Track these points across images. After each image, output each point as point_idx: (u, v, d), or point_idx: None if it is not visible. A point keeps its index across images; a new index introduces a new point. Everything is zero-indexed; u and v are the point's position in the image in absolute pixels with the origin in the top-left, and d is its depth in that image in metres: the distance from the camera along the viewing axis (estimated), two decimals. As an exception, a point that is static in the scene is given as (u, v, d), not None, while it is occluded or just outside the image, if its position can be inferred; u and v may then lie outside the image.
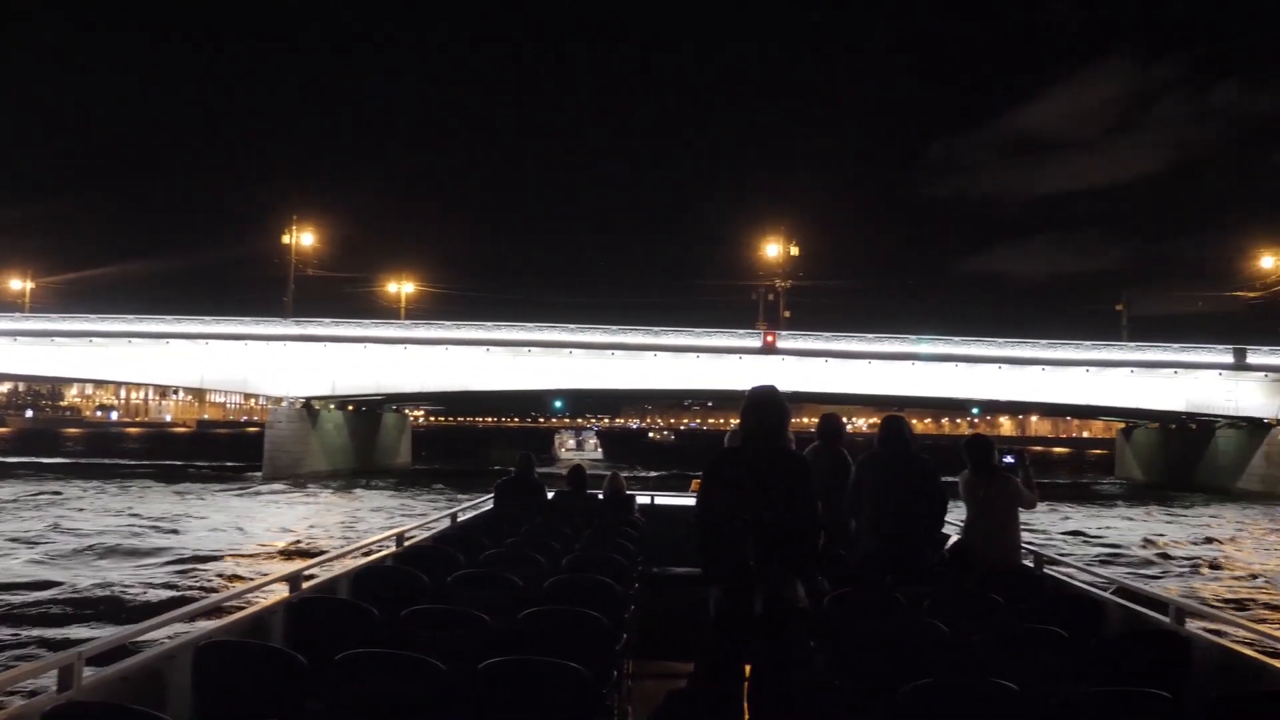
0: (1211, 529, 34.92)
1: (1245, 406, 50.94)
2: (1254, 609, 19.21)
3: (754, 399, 4.71)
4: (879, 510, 6.30)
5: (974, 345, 51.53)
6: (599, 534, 7.58)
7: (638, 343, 51.99)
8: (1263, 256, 59.05)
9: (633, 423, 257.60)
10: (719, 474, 4.59)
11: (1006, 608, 5.09)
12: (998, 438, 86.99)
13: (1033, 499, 6.72)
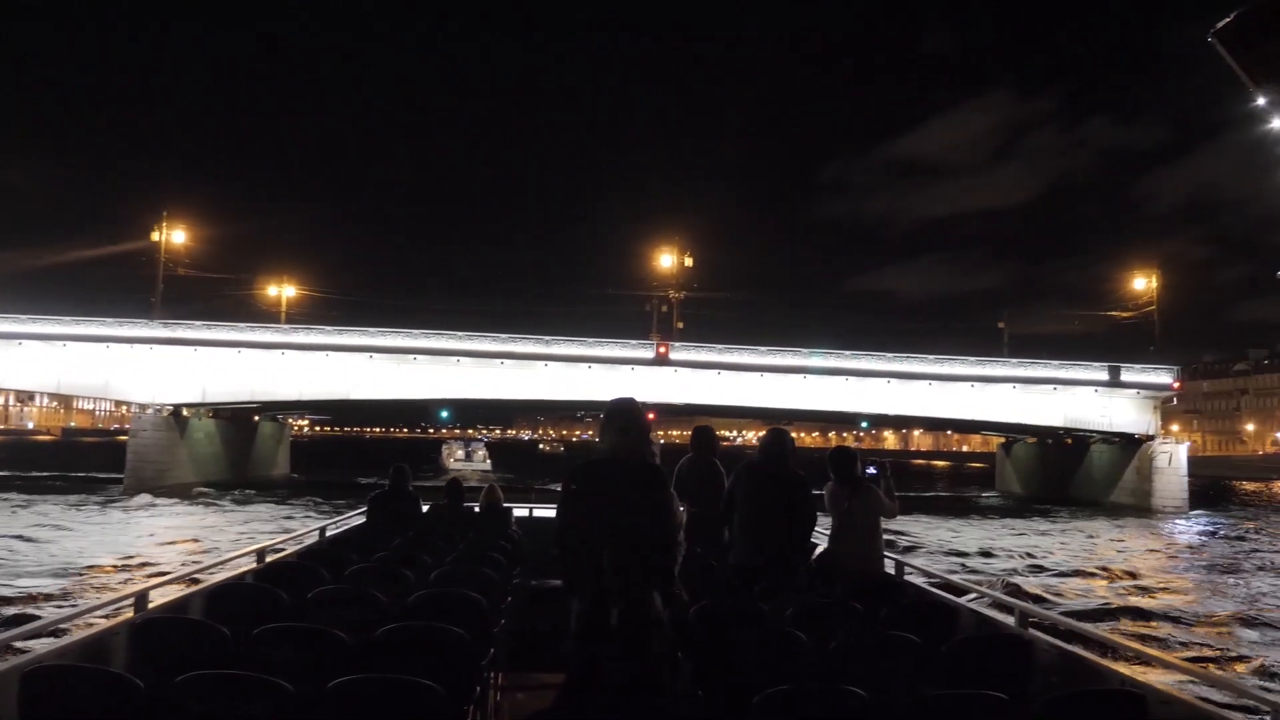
0: (1080, 540, 35.99)
1: (1119, 422, 52.66)
2: (1101, 613, 19.69)
3: (613, 411, 4.67)
4: (750, 521, 6.34)
5: (864, 360, 51.96)
6: (472, 548, 7.46)
7: (528, 352, 50.71)
8: (1134, 279, 61.52)
9: (525, 434, 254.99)
10: (578, 486, 4.54)
11: (866, 615, 5.17)
12: (881, 451, 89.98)
13: (894, 508, 6.91)
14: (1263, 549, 34.40)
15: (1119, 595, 22.80)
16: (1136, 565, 29.19)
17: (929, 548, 30.56)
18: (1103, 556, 31.28)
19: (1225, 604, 21.76)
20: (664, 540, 4.44)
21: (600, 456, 4.65)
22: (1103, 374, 52.31)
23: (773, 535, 6.26)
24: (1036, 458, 63.45)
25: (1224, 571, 28.09)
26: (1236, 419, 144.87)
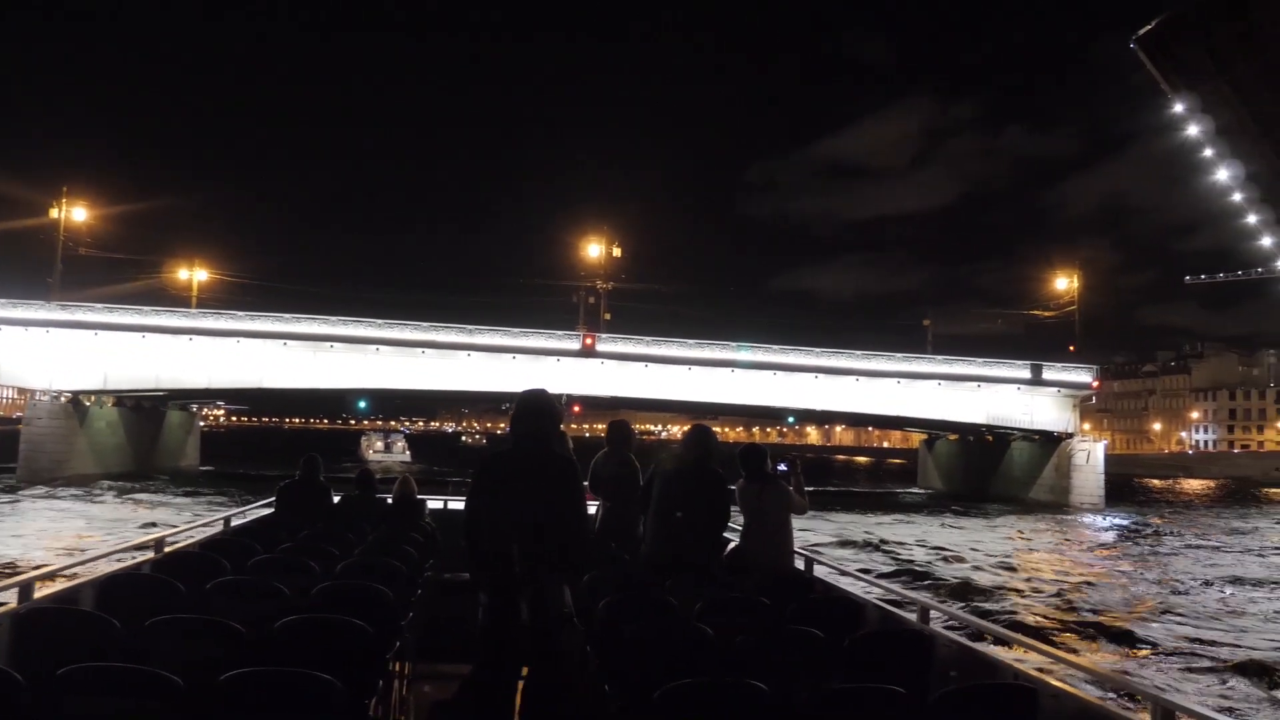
0: (1000, 536, 36.27)
1: (1040, 420, 53.33)
2: (1013, 608, 20.07)
3: (523, 403, 4.65)
4: (664, 517, 6.34)
5: (792, 354, 51.68)
6: (382, 540, 7.36)
7: (450, 341, 49.26)
8: (1052, 280, 62.58)
9: (448, 426, 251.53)
10: (487, 478, 4.52)
11: (774, 610, 5.22)
12: (804, 446, 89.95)
13: (804, 504, 7.00)
14: (1175, 546, 34.98)
15: (1033, 591, 23.03)
16: (1054, 561, 29.68)
17: (853, 542, 30.76)
18: (1022, 552, 31.60)
19: (1134, 600, 22.03)
20: (573, 533, 4.44)
21: (509, 448, 4.59)
22: (1025, 372, 52.91)
23: (687, 531, 6.24)
24: (958, 454, 64.05)
25: (1137, 568, 28.60)
26: (1144, 418, 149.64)
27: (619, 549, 6.88)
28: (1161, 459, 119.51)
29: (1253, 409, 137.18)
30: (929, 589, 21.98)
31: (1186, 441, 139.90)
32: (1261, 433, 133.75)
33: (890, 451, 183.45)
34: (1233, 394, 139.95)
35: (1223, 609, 21.06)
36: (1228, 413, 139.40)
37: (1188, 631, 18.13)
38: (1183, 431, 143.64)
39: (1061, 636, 17.58)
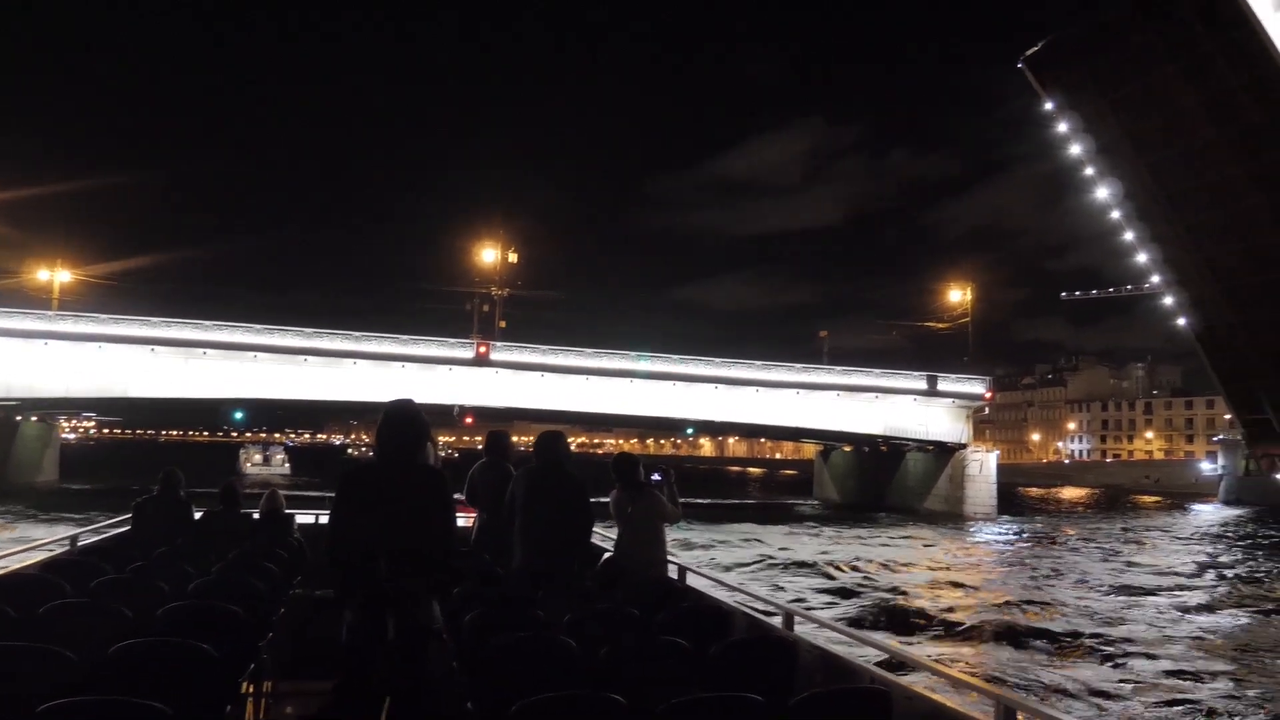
0: (895, 545, 36.72)
1: (935, 431, 53.73)
2: (897, 615, 20.86)
3: (389, 413, 4.54)
4: (530, 526, 6.27)
5: (692, 365, 50.81)
6: (245, 556, 7.11)
7: (335, 349, 46.65)
8: (939, 295, 63.70)
9: (336, 438, 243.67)
10: (351, 491, 4.38)
11: (643, 620, 5.21)
12: (699, 458, 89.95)
13: (677, 513, 7.02)
14: (1063, 552, 35.97)
15: (925, 597, 23.56)
16: (949, 568, 30.29)
17: (742, 554, 31.31)
18: (919, 561, 31.90)
19: (1024, 604, 22.70)
20: (442, 547, 4.37)
21: (374, 460, 4.51)
22: (921, 383, 53.28)
23: (553, 539, 6.19)
24: (854, 465, 64.29)
25: (1029, 573, 29.43)
26: (1024, 429, 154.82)
27: (494, 561, 6.72)
28: (1041, 468, 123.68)
29: (1123, 420, 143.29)
30: (825, 598, 23.01)
31: (1063, 451, 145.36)
32: (1131, 442, 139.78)
33: (783, 463, 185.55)
34: (1105, 406, 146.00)
35: (1103, 610, 22.08)
36: (1100, 423, 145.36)
37: (1069, 630, 19.15)
38: (1059, 442, 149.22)
39: (940, 640, 18.41)
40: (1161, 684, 15.24)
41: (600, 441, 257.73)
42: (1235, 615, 22.36)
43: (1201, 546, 40.39)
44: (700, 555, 29.93)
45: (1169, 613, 22.24)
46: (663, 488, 7.07)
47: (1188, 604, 23.57)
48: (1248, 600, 24.77)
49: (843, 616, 20.35)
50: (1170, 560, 34.23)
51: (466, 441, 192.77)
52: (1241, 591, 26.58)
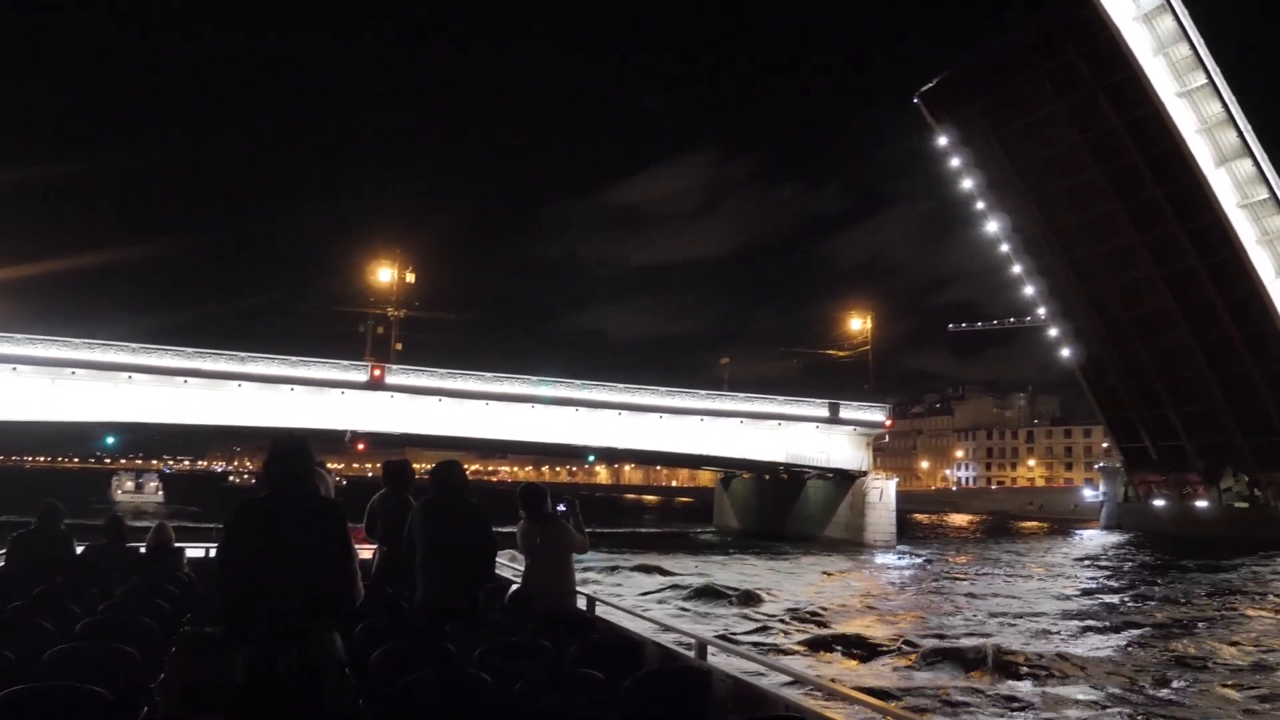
0: (798, 574, 36.71)
1: (836, 459, 53.88)
2: (799, 641, 21.12)
3: (279, 444, 4.50)
4: (432, 557, 6.17)
5: (595, 390, 49.75)
6: (133, 593, 6.93)
7: (219, 370, 43.99)
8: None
9: (218, 465, 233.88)
10: (245, 525, 4.26)
11: (555, 653, 5.18)
12: (595, 485, 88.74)
13: (584, 544, 7.00)
14: (963, 577, 36.64)
15: (832, 625, 23.70)
16: (855, 596, 30.49)
17: (647, 583, 31.20)
18: (825, 589, 31.92)
19: (928, 629, 23.21)
20: (341, 580, 4.26)
21: (266, 493, 4.40)
22: (823, 411, 53.39)
23: (456, 571, 6.10)
24: (754, 493, 64.10)
25: (932, 599, 30.05)
26: (913, 457, 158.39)
27: (396, 594, 6.51)
28: (931, 495, 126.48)
29: (1007, 448, 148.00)
30: (735, 627, 23.09)
31: (950, 479, 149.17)
32: (1015, 469, 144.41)
33: (679, 490, 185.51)
34: (990, 434, 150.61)
35: (1007, 631, 23.01)
36: (986, 451, 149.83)
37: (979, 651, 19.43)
38: (947, 469, 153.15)
39: (854, 666, 18.80)
40: (1066, 699, 16.03)
41: (495, 469, 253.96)
42: (1128, 633, 23.49)
43: (1092, 571, 41.77)
44: (606, 585, 29.57)
45: (1068, 633, 23.33)
46: (568, 518, 7.05)
47: (1088, 625, 24.69)
48: (1135, 619, 26.06)
49: (755, 645, 20.27)
50: (1066, 584, 35.49)
51: (357, 469, 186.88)
52: (1133, 611, 27.87)
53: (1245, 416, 66.50)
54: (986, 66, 65.92)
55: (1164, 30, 58.74)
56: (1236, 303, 62.77)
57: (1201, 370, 66.65)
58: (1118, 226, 65.77)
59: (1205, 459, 70.32)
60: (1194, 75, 58.98)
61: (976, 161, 70.89)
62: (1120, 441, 78.30)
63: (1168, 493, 74.33)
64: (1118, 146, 62.30)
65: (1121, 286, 68.72)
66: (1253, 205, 60.91)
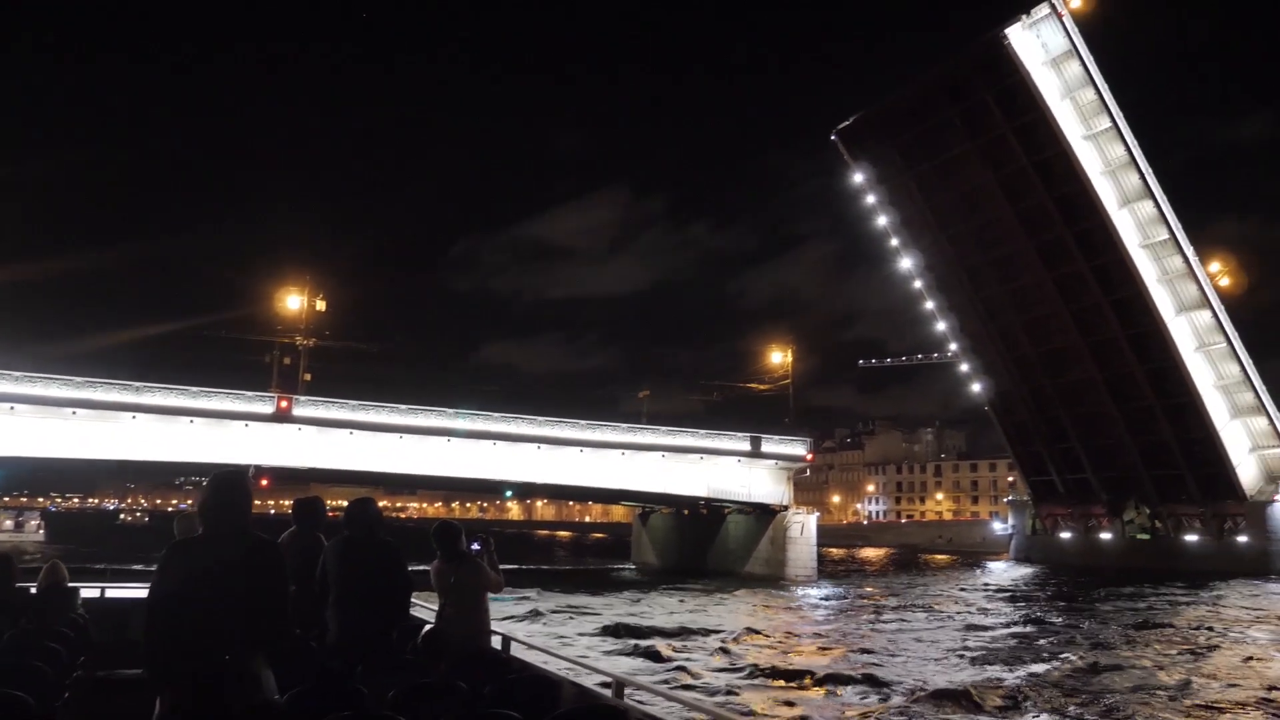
0: (719, 610, 36.17)
1: (758, 493, 53.35)
2: (706, 681, 20.91)
3: (215, 481, 4.50)
4: (346, 597, 6.11)
5: (514, 423, 48.29)
6: (22, 637, 6.65)
7: (111, 400, 41.21)
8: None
9: (110, 502, 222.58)
10: (178, 565, 4.26)
11: (470, 693, 5.17)
12: (506, 521, 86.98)
13: (499, 582, 7.08)
14: (892, 613, 36.44)
15: (754, 662, 23.50)
16: (779, 633, 30.15)
17: (564, 621, 30.76)
18: (747, 625, 31.37)
19: (854, 665, 23.26)
20: (272, 620, 4.30)
21: (199, 533, 4.45)
22: (745, 444, 52.87)
23: (370, 611, 6.05)
24: (674, 529, 63.16)
25: (857, 634, 30.19)
26: (825, 491, 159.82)
27: (305, 635, 6.46)
28: (843, 529, 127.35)
29: (916, 482, 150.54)
30: (652, 664, 23.03)
31: (861, 513, 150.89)
32: (923, 503, 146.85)
33: (592, 526, 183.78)
34: (899, 468, 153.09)
35: (934, 665, 23.44)
36: (895, 485, 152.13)
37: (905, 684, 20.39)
38: (858, 503, 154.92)
39: (777, 704, 18.70)
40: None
41: (404, 505, 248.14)
42: (1051, 663, 24.30)
43: (1008, 604, 42.38)
44: (523, 624, 29.11)
45: (992, 664, 24.03)
46: (483, 556, 7.03)
47: (1013, 656, 25.53)
48: (1054, 649, 26.94)
49: (672, 683, 20.08)
50: (986, 617, 36.01)
51: (260, 505, 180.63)
52: (1052, 641, 28.75)
53: (1147, 450, 68.47)
54: (902, 105, 67.20)
55: (1071, 75, 60.74)
56: (1139, 339, 64.79)
57: (1106, 405, 68.47)
58: (1027, 264, 67.40)
59: (1109, 492, 72.13)
60: (1099, 119, 61.08)
61: (891, 199, 72.05)
62: (1028, 475, 79.90)
63: (1073, 525, 75.99)
64: (1027, 186, 63.98)
65: (1030, 322, 70.34)
66: (1154, 245, 63.10)
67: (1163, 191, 61.91)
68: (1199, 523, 68.30)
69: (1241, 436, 66.71)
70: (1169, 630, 31.77)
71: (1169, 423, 66.15)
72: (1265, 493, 65.13)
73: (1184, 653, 26.52)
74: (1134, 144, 60.83)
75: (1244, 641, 28.53)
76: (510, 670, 6.21)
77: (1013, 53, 59.17)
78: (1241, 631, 31.77)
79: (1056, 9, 59.36)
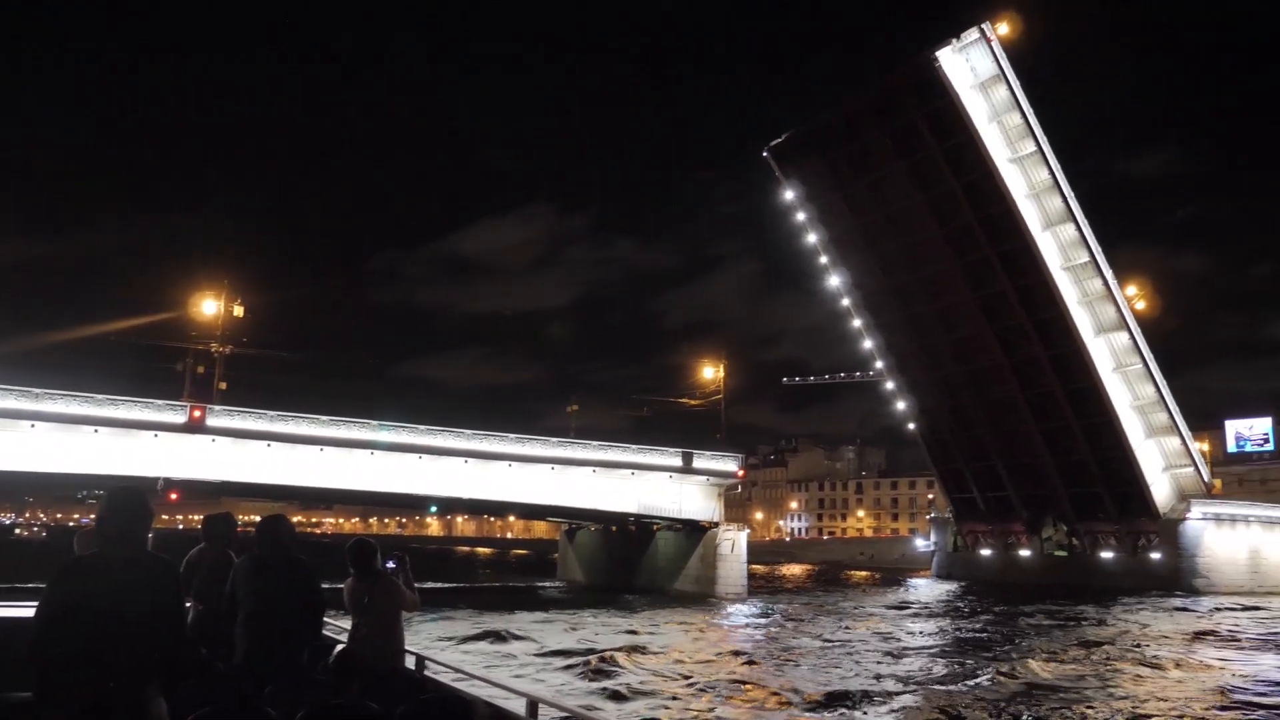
0: (642, 628, 35.23)
1: (689, 509, 52.65)
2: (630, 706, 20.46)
3: (112, 498, 4.38)
4: (255, 616, 5.96)
5: (441, 436, 46.73)
6: None
7: (8, 408, 38.06)
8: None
9: (6, 516, 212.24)
10: (71, 584, 4.13)
11: (384, 714, 5.05)
12: (426, 537, 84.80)
13: (415, 601, 7.01)
14: (825, 632, 36.07)
15: (676, 681, 23.20)
16: (708, 653, 29.47)
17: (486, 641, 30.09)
18: (672, 644, 30.92)
19: (784, 686, 22.94)
20: (170, 642, 4.22)
21: (97, 550, 4.30)
22: (677, 460, 52.13)
23: (281, 630, 5.87)
24: (601, 545, 62.14)
25: (787, 654, 29.80)
26: (749, 508, 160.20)
27: (211, 656, 6.17)
28: (766, 546, 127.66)
29: (838, 499, 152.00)
30: (574, 683, 22.59)
31: (784, 529, 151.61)
32: (845, 520, 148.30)
33: (514, 542, 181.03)
34: (821, 485, 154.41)
35: (867, 684, 23.30)
36: (818, 502, 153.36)
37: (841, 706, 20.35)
38: (781, 520, 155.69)
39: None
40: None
41: (319, 520, 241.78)
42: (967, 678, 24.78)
43: (933, 619, 42.81)
44: (442, 644, 28.16)
45: (921, 680, 24.36)
46: (398, 574, 6.93)
47: (943, 672, 26.04)
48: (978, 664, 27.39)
49: (592, 705, 19.64)
50: (917, 636, 36.14)
51: (167, 520, 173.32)
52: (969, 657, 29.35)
53: (1066, 468, 69.85)
54: (835, 124, 67.67)
55: (999, 99, 61.89)
56: (1060, 359, 66.13)
57: (1027, 423, 69.69)
58: (953, 284, 68.33)
59: (1029, 509, 73.36)
60: (1025, 143, 62.33)
61: (821, 216, 72.46)
62: (950, 492, 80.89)
63: (993, 542, 77.09)
64: (954, 207, 64.92)
65: (955, 341, 71.33)
66: (1075, 268, 64.54)
67: (1084, 215, 63.42)
68: (1114, 540, 69.81)
69: (1155, 456, 68.49)
70: (1088, 645, 32.27)
71: (1087, 442, 67.56)
72: (1177, 511, 66.83)
73: (1100, 667, 27.06)
74: (1057, 168, 62.23)
75: (1158, 661, 28.77)
76: (424, 690, 6.16)
77: (943, 75, 60.02)
78: (1158, 647, 32.51)
79: (986, 34, 60.48)
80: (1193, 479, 68.76)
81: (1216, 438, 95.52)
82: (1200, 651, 31.58)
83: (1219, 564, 64.91)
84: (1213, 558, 65.03)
